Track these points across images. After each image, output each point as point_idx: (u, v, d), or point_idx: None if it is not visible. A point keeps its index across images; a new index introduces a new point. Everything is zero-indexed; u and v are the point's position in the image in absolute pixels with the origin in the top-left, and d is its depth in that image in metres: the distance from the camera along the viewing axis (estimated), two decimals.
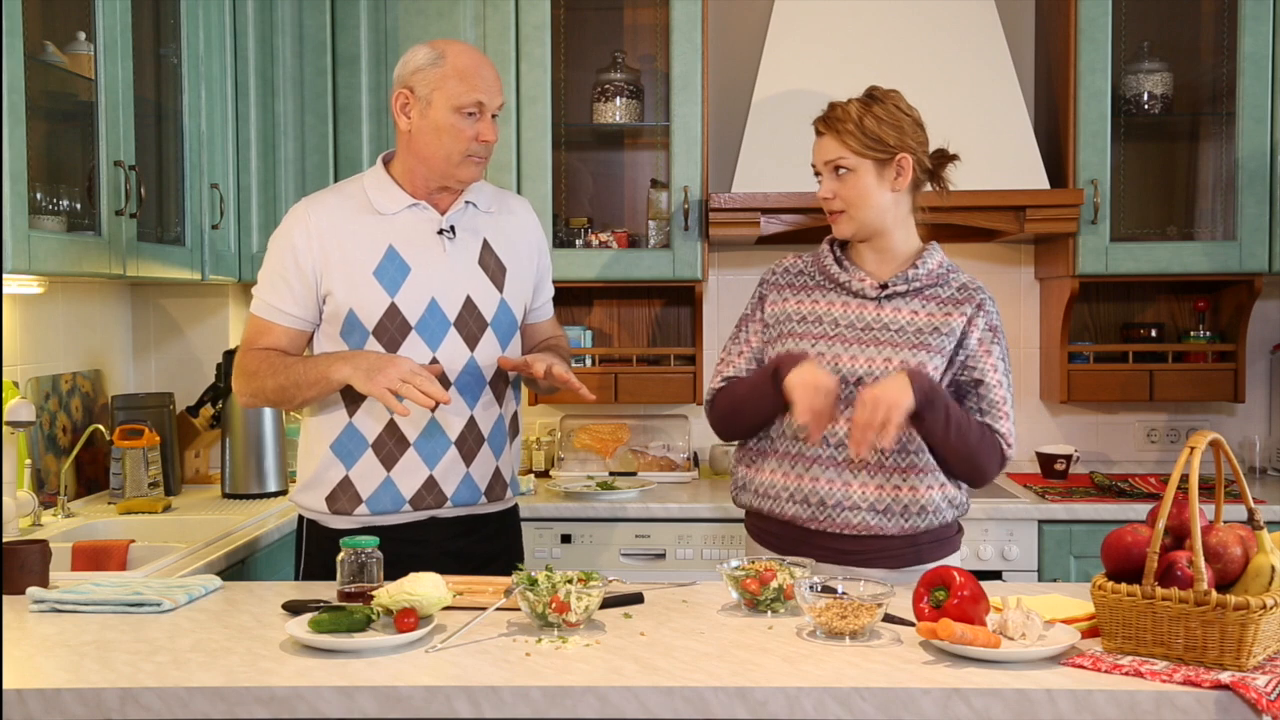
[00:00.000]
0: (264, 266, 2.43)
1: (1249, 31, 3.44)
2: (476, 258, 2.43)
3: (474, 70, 2.35)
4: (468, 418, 2.40)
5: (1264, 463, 3.78)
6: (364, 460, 2.37)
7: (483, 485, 2.44)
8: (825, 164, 2.33)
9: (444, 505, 2.41)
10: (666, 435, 3.85)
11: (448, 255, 2.40)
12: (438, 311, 2.38)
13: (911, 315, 2.30)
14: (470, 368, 2.40)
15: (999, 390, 2.30)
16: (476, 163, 2.38)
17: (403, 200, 2.40)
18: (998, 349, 2.32)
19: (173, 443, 3.42)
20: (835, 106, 2.34)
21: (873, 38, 3.53)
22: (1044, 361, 3.85)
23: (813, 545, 2.30)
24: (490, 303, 2.43)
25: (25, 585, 2.12)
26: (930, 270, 2.34)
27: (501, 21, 3.49)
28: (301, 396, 2.34)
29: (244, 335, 2.45)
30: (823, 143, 2.34)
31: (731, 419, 2.38)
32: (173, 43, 3.15)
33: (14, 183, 2.34)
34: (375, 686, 1.66)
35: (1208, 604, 1.66)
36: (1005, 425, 2.30)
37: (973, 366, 2.30)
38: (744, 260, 3.90)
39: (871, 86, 2.35)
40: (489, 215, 2.48)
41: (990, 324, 2.33)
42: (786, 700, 1.64)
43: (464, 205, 2.44)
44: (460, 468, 2.40)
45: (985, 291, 2.36)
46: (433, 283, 2.38)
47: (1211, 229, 3.66)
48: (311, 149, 3.53)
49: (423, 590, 1.85)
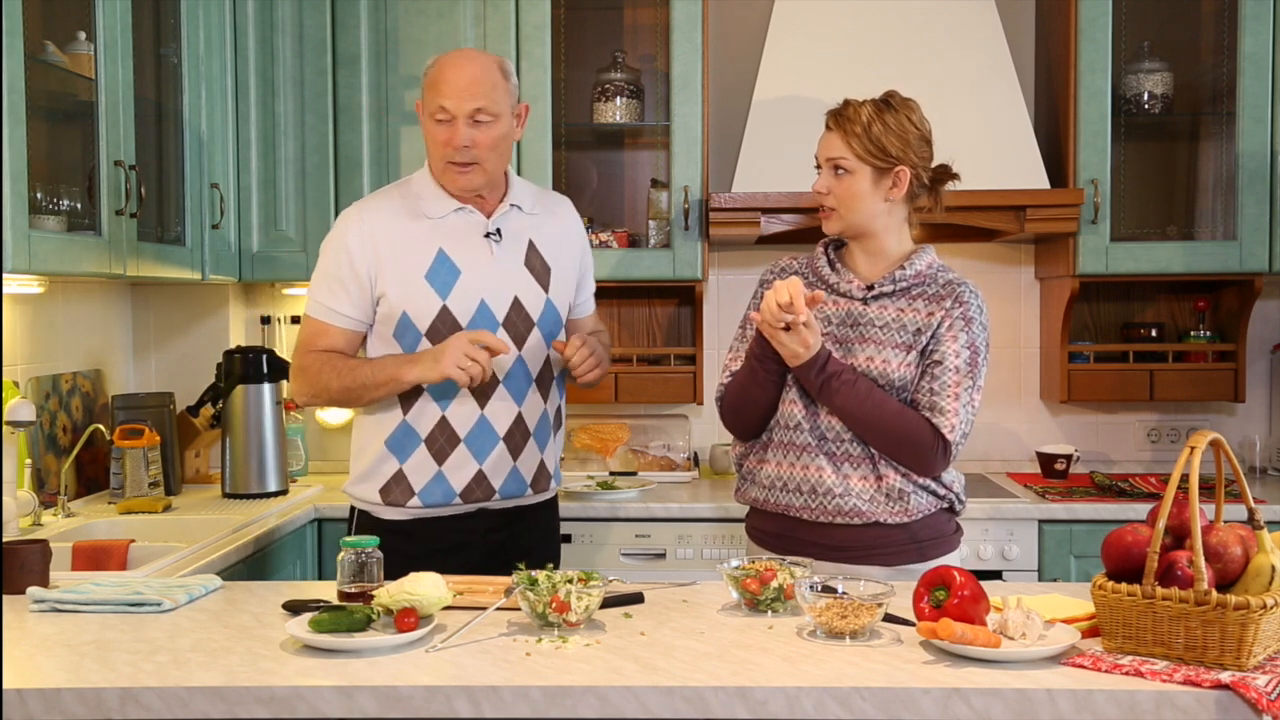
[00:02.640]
0: (318, 270, 2.50)
1: (1249, 31, 3.44)
2: (523, 259, 2.51)
3: (443, 76, 2.40)
4: (515, 414, 2.49)
5: (1264, 463, 3.78)
6: (417, 455, 2.47)
7: (529, 478, 2.54)
8: (827, 160, 2.36)
9: (492, 498, 2.50)
10: (666, 435, 3.85)
11: (494, 258, 2.48)
12: (487, 312, 2.46)
13: (897, 313, 2.32)
14: (518, 365, 2.49)
15: (951, 374, 2.26)
16: (459, 171, 2.42)
17: (450, 204, 2.47)
18: (964, 336, 2.29)
19: (173, 442, 3.42)
20: (849, 105, 2.35)
21: (873, 38, 3.53)
22: (1044, 361, 3.85)
23: (809, 540, 2.31)
24: (537, 303, 2.51)
25: (25, 585, 2.12)
26: (918, 271, 2.35)
27: (501, 21, 3.49)
28: (369, 397, 2.44)
29: (300, 336, 2.53)
30: (829, 138, 2.36)
31: (739, 410, 2.39)
32: (173, 43, 3.15)
33: (14, 183, 2.34)
34: (375, 686, 1.66)
35: (1208, 604, 1.66)
36: (951, 406, 2.25)
37: (933, 350, 2.29)
38: (744, 260, 3.90)
39: (890, 92, 2.36)
40: (533, 216, 2.55)
41: (965, 314, 2.30)
42: (786, 700, 1.64)
43: (509, 208, 2.52)
44: (508, 462, 2.50)
45: (969, 287, 2.35)
46: (482, 285, 2.46)
47: (1211, 229, 3.66)
48: (311, 149, 3.53)
49: (423, 590, 1.85)
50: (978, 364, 2.30)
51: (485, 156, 2.42)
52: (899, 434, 2.25)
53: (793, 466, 2.32)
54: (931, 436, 2.25)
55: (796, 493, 2.32)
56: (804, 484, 2.31)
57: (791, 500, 2.32)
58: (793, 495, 2.32)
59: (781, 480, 2.34)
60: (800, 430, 2.31)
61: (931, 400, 2.26)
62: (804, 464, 2.31)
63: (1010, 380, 3.90)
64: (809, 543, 2.31)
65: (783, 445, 2.34)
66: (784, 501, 2.34)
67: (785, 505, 2.34)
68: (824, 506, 2.29)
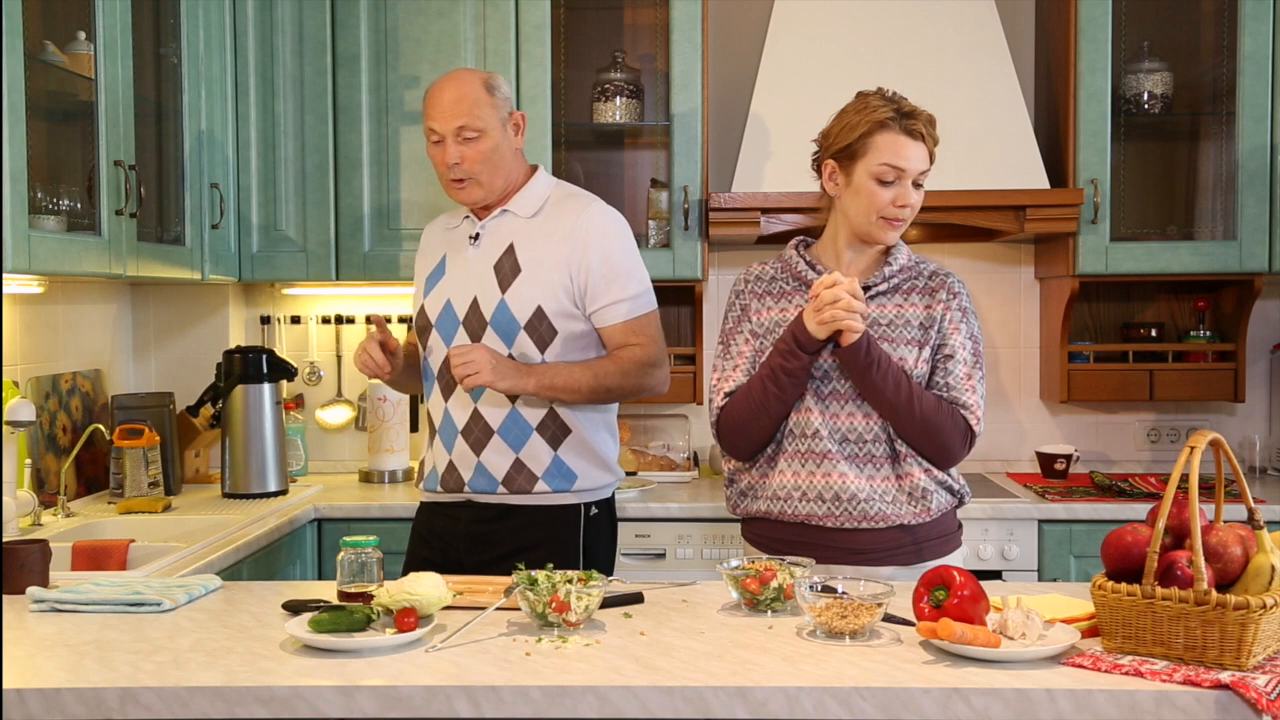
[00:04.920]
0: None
1: (1249, 31, 3.44)
2: (494, 262, 2.56)
3: (431, 99, 2.56)
4: (471, 410, 2.57)
5: (1264, 462, 3.78)
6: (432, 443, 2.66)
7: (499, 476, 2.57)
8: (920, 173, 2.28)
9: (462, 489, 2.59)
10: (666, 435, 3.85)
11: (469, 259, 2.60)
12: (450, 311, 2.59)
13: (897, 310, 2.31)
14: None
15: (963, 367, 2.29)
16: (458, 187, 2.57)
17: (461, 213, 2.68)
18: (965, 328, 2.31)
19: (173, 442, 3.42)
20: (920, 112, 2.28)
21: (873, 37, 3.53)
22: (1044, 361, 3.85)
23: (826, 545, 2.29)
24: (491, 303, 2.53)
25: (25, 585, 2.12)
26: (903, 265, 2.34)
27: (501, 21, 3.49)
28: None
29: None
30: (916, 149, 2.26)
31: (749, 429, 2.31)
32: (173, 43, 3.15)
33: (14, 183, 2.34)
34: (375, 686, 1.66)
35: (1208, 604, 1.66)
36: (972, 399, 2.28)
37: (943, 344, 2.30)
38: (744, 260, 3.90)
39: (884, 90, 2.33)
40: (529, 221, 2.59)
41: (961, 305, 2.32)
42: (786, 700, 1.64)
43: (499, 213, 2.61)
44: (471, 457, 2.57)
45: (955, 276, 2.36)
46: (451, 286, 2.60)
47: (1211, 229, 3.66)
48: (311, 149, 3.53)
49: (423, 590, 1.85)
50: (980, 353, 2.33)
51: (477, 171, 2.53)
52: (936, 423, 2.24)
53: (812, 475, 2.29)
54: (964, 426, 2.27)
55: (818, 501, 2.28)
56: (826, 491, 2.28)
57: (812, 509, 2.29)
58: (814, 504, 2.29)
59: (800, 490, 2.29)
60: (819, 438, 2.27)
61: (951, 395, 2.27)
62: (825, 471, 2.28)
63: (1010, 380, 3.90)
64: (828, 547, 2.29)
65: (799, 455, 2.29)
66: (803, 511, 2.30)
67: (805, 514, 2.30)
68: (848, 512, 2.27)
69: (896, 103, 2.28)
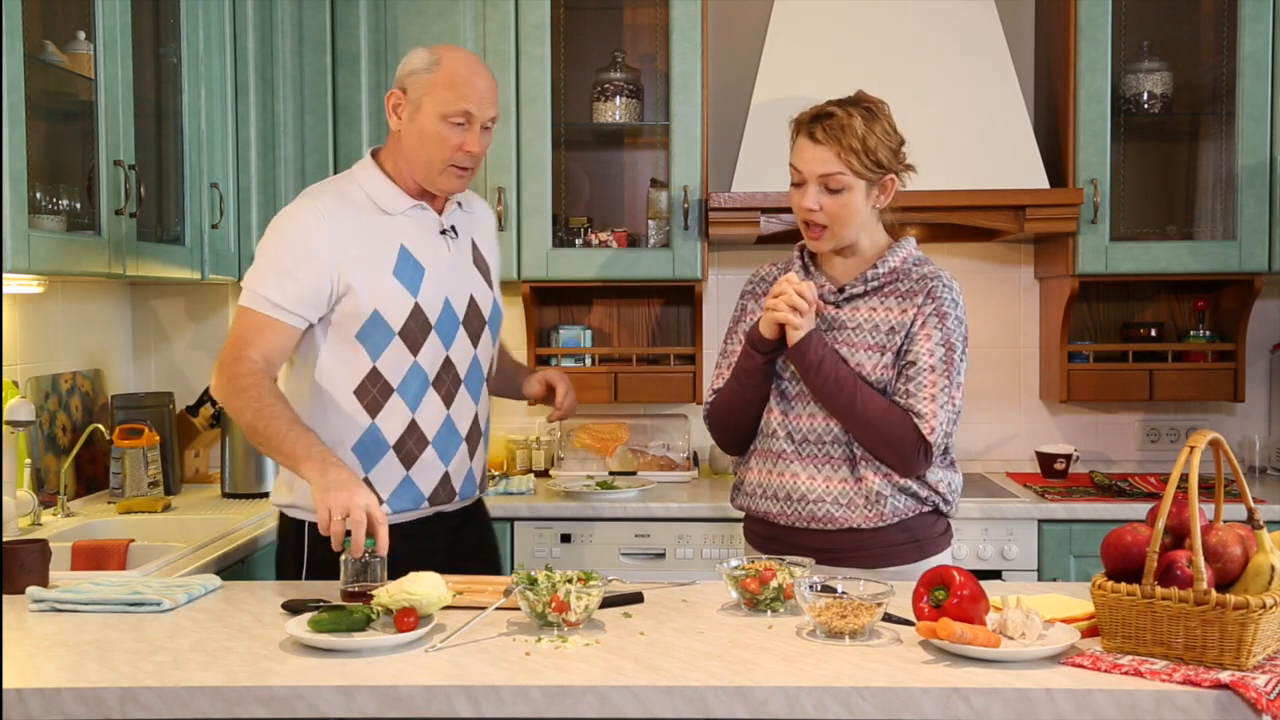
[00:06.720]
0: (264, 260, 2.30)
1: (1249, 31, 3.44)
2: (471, 258, 2.50)
3: (466, 79, 2.32)
4: (474, 413, 2.48)
5: (1264, 462, 3.78)
6: (385, 461, 2.35)
7: (478, 477, 2.53)
8: (819, 176, 2.24)
9: (453, 500, 2.46)
10: (666, 435, 3.85)
11: (452, 255, 2.45)
12: (450, 311, 2.41)
13: (869, 313, 2.29)
14: (475, 364, 2.47)
15: (927, 374, 2.22)
16: (458, 174, 2.37)
17: (406, 200, 2.39)
18: (939, 334, 2.24)
19: (172, 442, 3.42)
20: (835, 114, 2.24)
21: (873, 38, 3.53)
22: (1044, 361, 3.85)
23: (792, 544, 2.30)
24: (486, 301, 2.51)
25: (25, 585, 2.12)
26: (892, 268, 2.31)
27: (501, 21, 3.49)
28: (265, 448, 2.23)
29: (235, 331, 2.29)
30: (817, 151, 2.24)
31: (726, 424, 2.40)
32: (173, 42, 3.15)
33: (14, 182, 2.34)
34: (375, 686, 1.66)
35: (1207, 603, 1.66)
36: (928, 407, 2.20)
37: (908, 349, 2.25)
38: (744, 260, 3.90)
39: (861, 93, 2.31)
40: (468, 214, 2.54)
41: (939, 310, 2.25)
42: (786, 700, 1.64)
43: (455, 206, 2.48)
44: (466, 462, 2.47)
45: (943, 280, 2.29)
46: (442, 283, 2.40)
47: (1211, 229, 3.66)
48: (311, 149, 3.53)
49: (423, 590, 1.85)
50: (954, 360, 2.25)
51: (479, 163, 2.43)
52: (882, 430, 2.21)
53: (769, 473, 2.33)
54: (915, 436, 2.20)
55: (774, 499, 2.32)
56: (780, 490, 2.31)
57: (769, 507, 2.33)
58: (770, 501, 2.33)
59: (761, 487, 2.35)
60: (776, 437, 2.32)
61: (909, 403, 2.22)
62: (779, 470, 2.31)
63: (1010, 380, 3.90)
64: (792, 545, 2.30)
65: (763, 453, 2.35)
66: (764, 508, 2.35)
67: (765, 511, 2.35)
68: (799, 512, 2.29)
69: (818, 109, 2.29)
